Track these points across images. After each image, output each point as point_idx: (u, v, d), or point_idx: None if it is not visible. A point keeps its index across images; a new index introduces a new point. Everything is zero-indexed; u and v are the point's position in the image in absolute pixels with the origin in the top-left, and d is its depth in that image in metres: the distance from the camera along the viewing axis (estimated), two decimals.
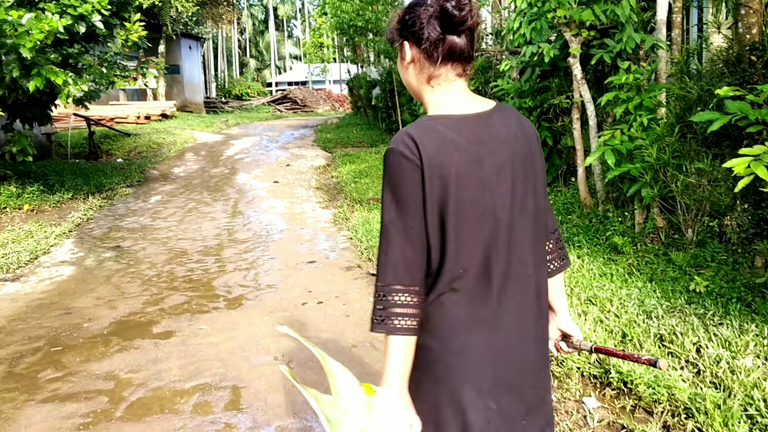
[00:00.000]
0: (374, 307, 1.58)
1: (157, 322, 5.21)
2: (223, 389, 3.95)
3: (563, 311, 1.87)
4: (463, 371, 1.58)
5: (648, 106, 5.86)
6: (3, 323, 5.29)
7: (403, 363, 1.57)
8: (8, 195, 9.58)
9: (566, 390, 3.66)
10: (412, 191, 1.54)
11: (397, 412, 1.58)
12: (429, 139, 1.54)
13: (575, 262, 5.71)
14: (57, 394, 3.96)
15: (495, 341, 1.60)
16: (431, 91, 1.68)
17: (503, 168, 1.60)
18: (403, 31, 1.67)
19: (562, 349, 1.89)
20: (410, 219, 1.55)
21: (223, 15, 32.63)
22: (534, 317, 1.66)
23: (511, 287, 1.60)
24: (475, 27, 1.63)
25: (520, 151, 1.64)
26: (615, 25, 6.65)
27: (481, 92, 9.72)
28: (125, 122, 21.59)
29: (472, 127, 1.60)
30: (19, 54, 7.80)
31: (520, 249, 1.62)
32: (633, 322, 4.28)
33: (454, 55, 1.63)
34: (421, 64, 1.66)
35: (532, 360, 1.67)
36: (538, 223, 1.69)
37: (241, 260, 7.01)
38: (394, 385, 1.57)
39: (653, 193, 5.63)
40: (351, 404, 1.56)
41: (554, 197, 7.92)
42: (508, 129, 1.64)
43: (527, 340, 1.65)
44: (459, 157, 1.55)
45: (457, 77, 1.66)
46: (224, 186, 12.21)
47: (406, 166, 1.54)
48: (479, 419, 1.57)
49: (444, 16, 1.59)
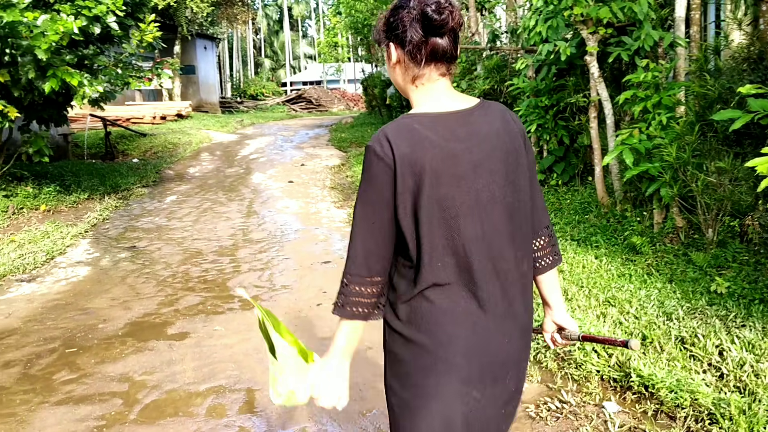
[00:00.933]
0: (338, 293, 1.72)
1: (171, 323, 5.20)
2: (238, 392, 3.92)
3: (558, 306, 1.90)
4: (449, 363, 1.64)
5: (667, 105, 5.76)
6: (19, 324, 5.30)
7: (348, 341, 1.72)
8: (25, 195, 9.63)
9: (585, 394, 3.60)
10: (378, 188, 1.62)
11: (330, 381, 1.72)
12: (403, 137, 1.61)
13: (593, 263, 5.63)
14: (71, 396, 3.95)
15: (479, 334, 1.65)
16: (415, 91, 1.74)
17: (481, 164, 1.64)
18: (389, 33, 1.73)
19: (557, 341, 1.95)
20: (373, 214, 1.64)
21: (237, 15, 32.71)
22: (518, 310, 1.70)
23: (492, 281, 1.65)
24: (457, 28, 1.68)
25: (502, 148, 1.68)
26: (632, 23, 6.56)
27: (497, 91, 9.65)
28: (141, 122, 21.70)
29: (449, 125, 1.65)
30: (35, 55, 7.82)
31: (500, 244, 1.66)
32: (653, 324, 4.21)
33: (437, 55, 1.68)
34: (406, 64, 1.72)
35: (516, 351, 1.72)
36: (522, 218, 1.72)
37: (255, 260, 6.99)
38: (335, 357, 1.73)
39: (673, 193, 5.54)
40: (287, 367, 1.72)
41: (571, 196, 7.83)
42: (488, 126, 1.68)
43: (511, 333, 1.69)
44: (433, 154, 1.60)
45: (441, 77, 1.72)
46: (239, 186, 12.21)
47: (377, 165, 1.62)
48: (463, 408, 1.64)
49: (425, 20, 1.64)
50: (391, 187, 1.62)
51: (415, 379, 1.67)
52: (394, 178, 1.61)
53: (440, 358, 1.64)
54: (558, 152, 8.33)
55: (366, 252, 1.66)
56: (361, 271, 1.67)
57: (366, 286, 1.67)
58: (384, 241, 1.66)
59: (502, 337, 1.68)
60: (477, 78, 10.24)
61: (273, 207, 10.05)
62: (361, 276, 1.67)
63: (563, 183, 8.38)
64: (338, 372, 1.74)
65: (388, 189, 1.62)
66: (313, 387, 1.73)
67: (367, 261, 1.66)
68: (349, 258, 1.69)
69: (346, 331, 1.73)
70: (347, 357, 1.75)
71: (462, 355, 1.64)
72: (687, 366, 3.62)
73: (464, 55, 11.11)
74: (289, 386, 1.73)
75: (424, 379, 1.66)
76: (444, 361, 1.64)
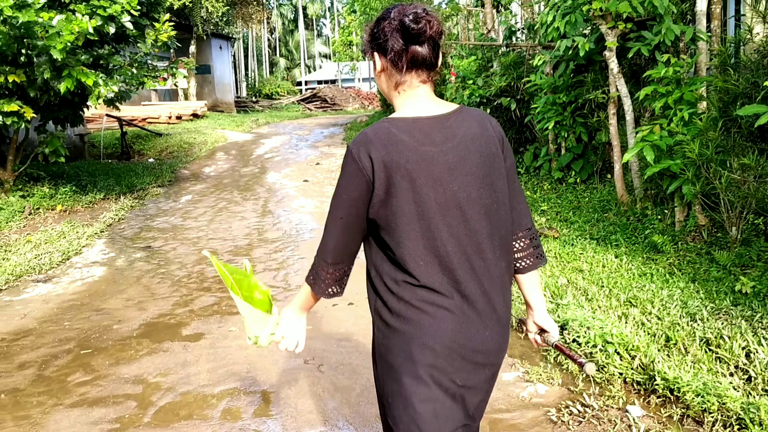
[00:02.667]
0: (311, 267, 1.92)
1: (186, 323, 5.16)
2: (253, 394, 3.87)
3: (539, 307, 1.97)
4: (435, 353, 1.73)
5: (689, 100, 5.63)
6: (34, 325, 5.29)
7: (305, 302, 1.98)
8: (41, 196, 9.66)
9: (608, 397, 3.50)
10: (349, 188, 1.74)
11: (289, 330, 2.00)
12: (380, 141, 1.71)
13: (613, 262, 5.53)
14: (85, 398, 3.91)
15: (463, 326, 1.74)
16: (398, 97, 1.84)
17: (456, 167, 1.73)
18: (373, 44, 1.84)
19: (538, 342, 2.02)
20: (341, 210, 1.77)
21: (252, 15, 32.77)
22: (497, 305, 1.78)
23: (472, 278, 1.74)
24: (436, 36, 1.77)
25: (478, 151, 1.76)
26: (652, 17, 6.44)
27: (514, 88, 9.54)
28: (157, 122, 21.77)
29: (425, 129, 1.75)
30: (50, 55, 7.83)
31: (477, 243, 1.75)
32: (676, 325, 4.10)
33: (417, 62, 1.78)
34: (389, 72, 1.82)
35: (497, 343, 1.80)
36: (500, 219, 1.80)
37: (270, 260, 6.94)
38: (293, 312, 2.00)
39: (695, 190, 5.42)
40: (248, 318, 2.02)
41: (589, 194, 7.72)
42: (465, 130, 1.77)
43: (492, 326, 1.78)
44: (408, 157, 1.70)
45: (422, 84, 1.82)
46: (254, 185, 12.19)
47: (351, 166, 1.74)
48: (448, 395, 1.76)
49: (404, 29, 1.74)
50: (362, 188, 1.73)
51: (403, 369, 1.77)
52: (371, 180, 1.72)
53: (427, 348, 1.73)
54: (576, 150, 8.22)
55: (334, 243, 1.83)
56: (327, 258, 1.85)
57: (329, 269, 1.86)
58: (349, 235, 1.81)
59: (484, 329, 1.76)
60: (493, 75, 10.13)
61: (288, 206, 10.01)
62: (326, 262, 1.86)
63: (581, 181, 8.26)
64: (296, 322, 2.01)
65: (356, 190, 1.74)
66: (275, 334, 2.01)
67: (333, 250, 1.84)
68: (321, 244, 1.87)
69: (306, 295, 1.96)
70: (303, 312, 2.02)
71: (446, 346, 1.73)
72: (713, 368, 3.51)
73: (480, 52, 11.01)
74: (253, 332, 2.03)
75: (412, 369, 1.75)
76: (431, 350, 1.73)
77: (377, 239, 1.83)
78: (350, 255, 1.88)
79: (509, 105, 9.38)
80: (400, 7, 1.78)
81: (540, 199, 8.19)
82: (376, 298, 1.85)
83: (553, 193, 8.37)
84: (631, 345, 3.80)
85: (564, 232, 6.67)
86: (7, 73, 8.05)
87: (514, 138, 10.10)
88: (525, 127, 9.81)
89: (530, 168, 9.45)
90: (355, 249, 1.87)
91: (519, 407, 3.56)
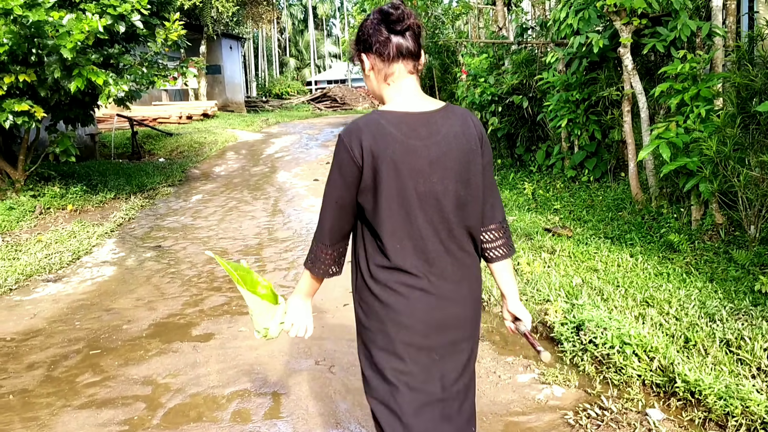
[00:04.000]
0: (309, 251, 2.07)
1: (196, 324, 5.11)
2: (263, 396, 3.81)
3: (511, 296, 2.10)
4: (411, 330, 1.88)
5: (706, 97, 5.53)
6: (44, 325, 5.26)
7: (309, 288, 2.11)
8: (52, 195, 9.65)
9: (627, 400, 3.42)
10: (344, 174, 1.87)
11: (297, 316, 2.11)
12: (370, 131, 1.83)
13: (628, 261, 5.44)
14: (94, 399, 3.87)
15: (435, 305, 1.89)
16: (388, 89, 1.95)
17: (437, 161, 1.85)
18: (359, 46, 1.97)
19: (512, 330, 2.15)
20: (338, 194, 1.91)
21: (263, 14, 32.75)
22: (466, 285, 1.95)
23: (444, 262, 1.89)
24: (415, 28, 1.90)
25: (458, 147, 1.88)
26: (667, 13, 6.33)
27: (526, 86, 9.44)
28: (167, 122, 21.79)
29: (412, 124, 1.86)
30: (61, 55, 7.81)
31: (448, 230, 1.89)
32: (695, 326, 4.01)
33: (402, 52, 1.90)
34: (377, 67, 1.93)
35: (468, 319, 1.97)
36: (472, 211, 1.93)
37: (281, 260, 6.89)
38: (299, 299, 2.12)
39: (712, 188, 5.31)
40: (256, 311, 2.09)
41: (603, 193, 7.62)
42: (448, 127, 1.89)
43: (463, 303, 1.94)
44: (394, 148, 1.82)
45: (409, 74, 1.93)
46: (264, 184, 12.15)
47: (344, 154, 1.85)
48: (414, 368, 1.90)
49: (384, 17, 1.88)
50: (354, 174, 1.86)
51: (380, 345, 1.93)
52: (360, 167, 1.84)
53: (402, 326, 1.89)
54: (589, 148, 8.11)
55: (330, 225, 1.97)
56: (325, 240, 2.00)
57: (327, 251, 2.02)
58: (344, 217, 1.95)
59: (455, 306, 1.93)
60: (505, 73, 10.04)
61: (298, 205, 9.96)
62: (324, 244, 2.01)
63: (595, 179, 8.16)
64: (303, 308, 2.13)
65: (350, 175, 1.86)
66: (283, 324, 2.10)
67: (330, 232, 1.98)
68: (318, 228, 2.02)
69: (308, 281, 2.09)
70: (308, 298, 2.14)
71: (421, 322, 1.89)
72: (734, 371, 3.42)
73: (491, 50, 10.91)
74: (262, 324, 2.11)
75: (389, 346, 1.91)
76: (406, 328, 1.89)
77: (362, 222, 1.97)
78: (346, 235, 2.02)
79: (521, 103, 9.28)
80: (377, 8, 1.94)
81: (553, 198, 8.09)
82: (357, 277, 2.01)
83: (566, 191, 8.27)
84: (650, 346, 3.71)
85: (578, 231, 6.58)
86: (18, 73, 8.03)
87: (526, 136, 10.00)
88: (537, 125, 9.71)
89: (542, 166, 9.35)
90: (349, 229, 2.01)
91: (535, 410, 3.48)
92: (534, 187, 8.68)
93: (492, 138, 10.81)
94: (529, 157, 9.99)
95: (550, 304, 4.70)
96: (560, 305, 4.59)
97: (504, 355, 4.24)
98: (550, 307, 4.61)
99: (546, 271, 5.49)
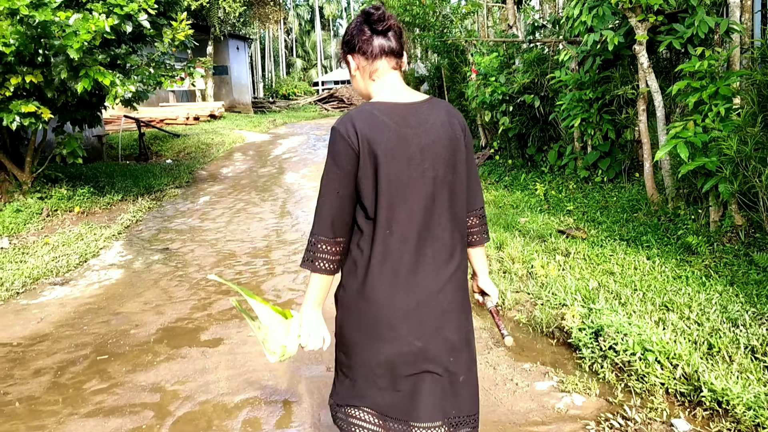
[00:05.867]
0: (306, 249, 1.99)
1: (204, 328, 5.02)
2: (274, 404, 3.70)
3: (482, 274, 2.26)
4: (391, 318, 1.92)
5: (725, 95, 5.40)
6: (51, 329, 5.17)
7: (319, 294, 2.02)
8: (59, 197, 9.58)
9: (651, 409, 3.30)
10: (343, 163, 1.89)
11: (312, 328, 2.03)
12: (364, 120, 1.89)
13: (645, 264, 5.31)
14: (101, 407, 3.77)
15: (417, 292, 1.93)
16: (373, 84, 2.04)
17: (427, 148, 1.93)
18: (345, 48, 2.06)
19: (480, 302, 2.31)
20: (339, 184, 1.91)
21: (269, 15, 32.68)
22: (451, 268, 1.99)
23: (429, 245, 1.95)
24: (396, 28, 2.00)
25: (445, 136, 1.97)
26: (683, 9, 6.20)
27: (537, 85, 9.31)
28: (174, 123, 21.76)
29: (402, 113, 1.94)
30: (67, 55, 7.72)
31: (439, 215, 1.96)
32: (718, 331, 3.88)
33: (385, 50, 1.99)
34: (362, 65, 2.02)
35: (451, 303, 1.99)
36: (459, 196, 2.01)
37: (290, 262, 6.79)
38: (310, 308, 2.03)
39: (732, 189, 5.18)
40: (272, 327, 2.01)
41: (617, 194, 7.48)
42: (435, 117, 1.98)
43: (446, 289, 1.98)
44: (388, 136, 1.89)
45: (392, 70, 2.02)
46: (272, 186, 12.07)
47: (341, 143, 1.89)
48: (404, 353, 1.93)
49: (366, 18, 1.98)
50: (352, 161, 1.89)
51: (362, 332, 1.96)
52: (357, 155, 1.88)
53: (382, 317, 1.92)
54: (603, 147, 7.98)
55: (332, 217, 1.93)
56: (328, 233, 1.94)
57: (331, 245, 1.95)
58: (347, 208, 1.94)
59: (437, 293, 1.95)
60: (516, 72, 9.91)
61: (306, 207, 9.86)
62: (327, 237, 1.94)
63: (609, 180, 8.02)
64: (316, 319, 2.05)
65: (349, 163, 1.89)
66: (300, 337, 2.03)
67: (332, 225, 1.94)
68: (317, 221, 1.96)
69: (316, 284, 2.00)
70: (319, 306, 2.06)
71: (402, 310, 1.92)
72: (762, 379, 3.30)
73: (501, 48, 10.79)
74: (278, 342, 2.02)
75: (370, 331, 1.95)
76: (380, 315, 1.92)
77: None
78: (347, 230, 1.98)
79: (533, 102, 9.15)
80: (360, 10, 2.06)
81: (566, 199, 7.96)
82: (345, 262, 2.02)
83: (579, 192, 8.14)
84: (673, 353, 3.59)
85: (592, 233, 6.45)
86: (25, 74, 7.96)
87: (537, 136, 9.86)
88: (549, 125, 9.57)
89: (554, 167, 9.22)
90: (351, 222, 1.98)
91: (555, 419, 3.36)
92: (546, 188, 8.55)
93: (503, 138, 10.69)
94: (540, 157, 9.85)
95: (567, 308, 4.59)
96: (577, 310, 4.47)
97: (520, 361, 4.13)
98: (567, 311, 4.50)
99: (561, 274, 5.37)
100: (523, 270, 5.65)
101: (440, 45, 13.81)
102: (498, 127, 10.33)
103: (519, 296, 5.13)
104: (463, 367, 2.01)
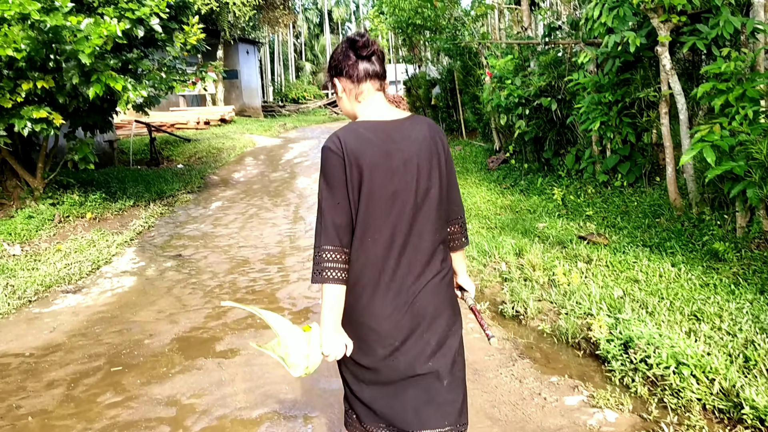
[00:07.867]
0: (313, 264, 2.04)
1: (220, 338, 4.91)
2: (293, 419, 3.58)
3: (461, 272, 2.42)
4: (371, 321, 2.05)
5: (752, 97, 5.24)
6: (63, 339, 5.08)
7: (334, 304, 2.03)
8: (71, 203, 9.51)
9: (688, 427, 3.15)
10: (337, 176, 2.01)
11: (332, 338, 2.03)
12: (351, 137, 2.03)
13: (670, 271, 5.16)
14: (116, 422, 3.67)
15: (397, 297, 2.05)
16: (359, 105, 2.17)
17: (410, 161, 2.06)
18: (332, 71, 2.19)
19: (459, 297, 2.41)
20: (337, 196, 2.01)
21: (279, 19, 32.60)
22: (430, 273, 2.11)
23: (408, 254, 2.06)
24: (379, 53, 2.14)
25: (427, 150, 2.11)
26: (707, 9, 6.05)
27: (554, 87, 9.16)
28: (185, 128, 21.71)
29: (386, 129, 2.09)
30: (79, 60, 7.64)
31: (420, 226, 2.08)
32: (752, 343, 3.73)
33: (369, 73, 2.13)
34: (348, 88, 2.15)
35: (431, 306, 2.10)
36: (439, 205, 2.14)
37: (304, 269, 6.67)
38: (329, 320, 2.04)
39: (762, 194, 5.02)
40: (291, 341, 2.04)
41: (638, 199, 7.32)
42: (417, 133, 2.12)
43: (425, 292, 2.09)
44: (373, 151, 2.02)
45: (377, 91, 2.16)
46: (284, 190, 11.97)
47: (333, 158, 2.01)
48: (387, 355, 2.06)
49: (351, 44, 2.12)
50: (344, 174, 2.00)
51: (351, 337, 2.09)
52: (345, 168, 2.00)
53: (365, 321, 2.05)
54: (623, 151, 7.82)
55: (336, 226, 2.01)
56: (334, 242, 2.01)
57: (338, 253, 2.01)
58: (349, 217, 2.03)
59: (415, 296, 2.07)
60: (531, 74, 9.76)
61: None
62: (333, 246, 2.01)
63: (629, 184, 7.86)
64: (336, 329, 2.05)
65: (343, 176, 2.01)
66: (321, 347, 2.03)
67: (337, 233, 2.01)
68: (322, 232, 2.02)
69: (329, 296, 2.02)
70: (338, 316, 2.06)
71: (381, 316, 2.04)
72: None
73: (515, 51, 10.65)
74: (301, 354, 2.02)
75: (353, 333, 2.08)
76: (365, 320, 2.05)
77: None
78: (350, 239, 2.05)
79: (550, 105, 9.00)
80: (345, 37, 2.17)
81: (584, 204, 7.81)
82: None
83: (598, 197, 7.98)
84: (708, 366, 3.45)
85: (613, 239, 6.30)
86: (36, 79, 7.88)
87: (554, 140, 9.70)
88: (566, 129, 9.42)
89: (572, 171, 9.06)
90: (352, 232, 2.05)
91: None
92: (564, 193, 8.40)
93: (518, 142, 10.53)
94: (557, 161, 9.68)
95: (593, 318, 4.45)
96: (604, 320, 4.33)
97: (547, 374, 3.98)
98: (593, 321, 4.36)
99: (584, 281, 5.23)
100: (545, 277, 5.52)
101: (453, 48, 13.68)
102: (513, 131, 10.18)
103: (542, 305, 4.99)
104: (445, 368, 2.11)
